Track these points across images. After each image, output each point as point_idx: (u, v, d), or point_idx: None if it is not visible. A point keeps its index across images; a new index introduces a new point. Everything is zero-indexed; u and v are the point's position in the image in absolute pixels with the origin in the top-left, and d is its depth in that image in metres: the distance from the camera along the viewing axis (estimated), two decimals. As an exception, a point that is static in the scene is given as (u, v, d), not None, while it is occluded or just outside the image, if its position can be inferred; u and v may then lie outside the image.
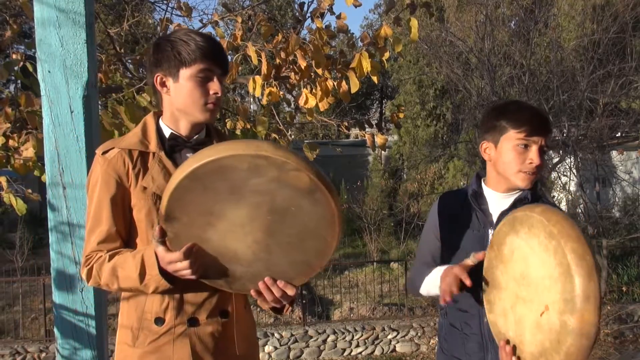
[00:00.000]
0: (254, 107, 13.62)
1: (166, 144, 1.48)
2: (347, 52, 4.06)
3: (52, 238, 1.87)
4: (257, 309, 7.91)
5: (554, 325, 1.25)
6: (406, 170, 15.88)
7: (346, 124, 3.60)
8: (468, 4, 12.90)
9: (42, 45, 1.83)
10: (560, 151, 9.48)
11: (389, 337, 7.91)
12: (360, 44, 3.11)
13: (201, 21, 4.52)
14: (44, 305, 7.64)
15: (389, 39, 3.05)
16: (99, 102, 2.67)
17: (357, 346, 7.82)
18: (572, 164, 9.65)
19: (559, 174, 10.00)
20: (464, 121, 12.22)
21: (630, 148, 11.34)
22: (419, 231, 11.69)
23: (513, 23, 11.70)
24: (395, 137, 16.33)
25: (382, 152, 15.13)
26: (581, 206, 10.13)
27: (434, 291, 1.68)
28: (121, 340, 1.49)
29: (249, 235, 1.30)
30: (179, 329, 1.44)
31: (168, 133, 1.49)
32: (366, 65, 2.88)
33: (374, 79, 2.99)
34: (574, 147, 8.97)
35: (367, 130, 3.61)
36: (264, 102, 3.12)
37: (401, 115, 3.62)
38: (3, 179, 3.03)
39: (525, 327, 1.35)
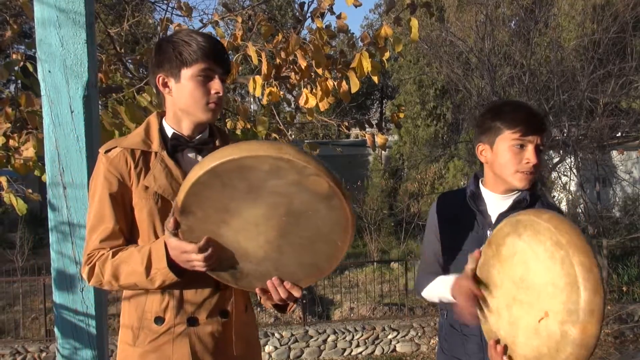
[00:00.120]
0: (254, 107, 13.65)
1: (168, 143, 1.48)
2: (348, 52, 4.06)
3: (52, 238, 1.87)
4: (257, 309, 7.91)
5: (553, 333, 1.25)
6: (406, 170, 15.87)
7: (346, 124, 3.60)
8: (468, 4, 12.88)
9: (42, 45, 1.83)
10: (561, 151, 9.48)
11: (389, 337, 7.90)
12: (360, 44, 3.11)
13: (201, 21, 4.52)
14: (44, 305, 7.64)
15: (389, 39, 3.06)
16: (99, 102, 2.67)
17: (358, 346, 7.82)
18: (572, 163, 9.65)
19: (559, 174, 9.99)
20: (464, 121, 12.24)
21: (631, 148, 11.33)
22: (419, 231, 11.71)
23: (513, 23, 11.68)
24: (396, 137, 16.32)
25: (383, 152, 15.12)
26: (581, 206, 10.14)
27: (439, 299, 1.70)
28: (122, 339, 1.49)
29: (262, 235, 1.31)
30: (178, 328, 1.44)
31: (171, 133, 1.50)
32: (366, 65, 2.88)
33: (374, 78, 3.00)
34: (574, 147, 8.96)
35: (367, 130, 3.61)
36: (264, 102, 3.12)
37: (401, 115, 3.62)
38: (3, 179, 3.03)
39: (520, 330, 1.36)
